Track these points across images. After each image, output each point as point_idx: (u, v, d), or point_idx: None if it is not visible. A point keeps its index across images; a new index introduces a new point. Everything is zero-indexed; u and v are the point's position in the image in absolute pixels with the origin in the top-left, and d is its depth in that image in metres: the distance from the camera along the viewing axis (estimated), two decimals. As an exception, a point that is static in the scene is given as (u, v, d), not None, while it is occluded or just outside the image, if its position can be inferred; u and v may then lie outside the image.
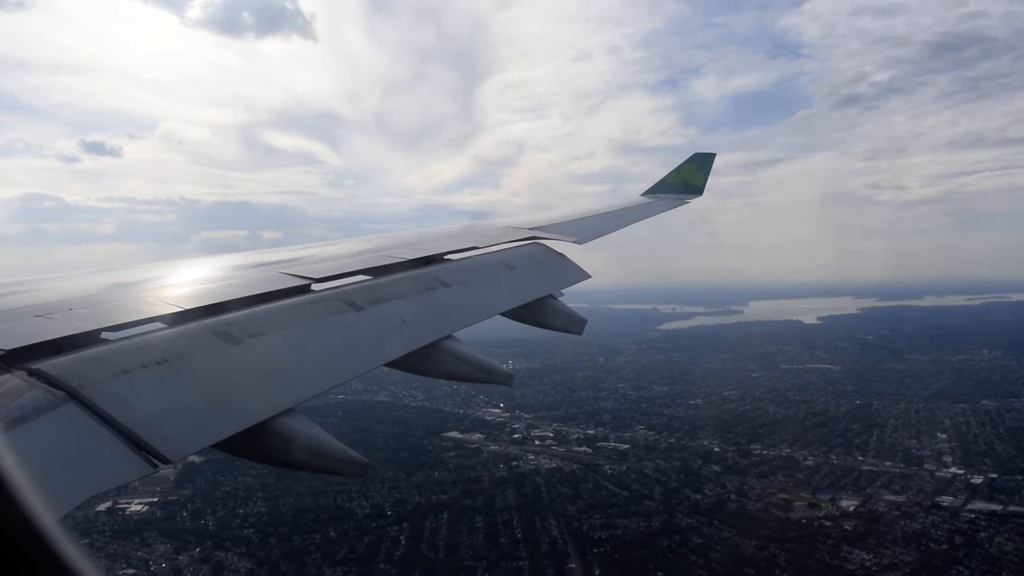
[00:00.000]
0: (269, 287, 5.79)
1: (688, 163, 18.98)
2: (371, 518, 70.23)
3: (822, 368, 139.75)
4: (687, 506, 70.90)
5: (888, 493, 71.92)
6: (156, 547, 65.16)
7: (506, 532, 66.09)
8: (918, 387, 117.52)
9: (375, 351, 5.68)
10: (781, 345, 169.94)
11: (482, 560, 60.74)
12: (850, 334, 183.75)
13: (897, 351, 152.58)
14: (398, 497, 75.67)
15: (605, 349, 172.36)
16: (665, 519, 67.99)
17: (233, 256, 7.91)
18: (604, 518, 68.68)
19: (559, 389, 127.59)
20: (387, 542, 64.73)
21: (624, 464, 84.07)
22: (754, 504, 70.87)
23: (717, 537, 63.41)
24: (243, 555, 62.90)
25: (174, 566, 61.34)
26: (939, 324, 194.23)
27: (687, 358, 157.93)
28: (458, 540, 64.65)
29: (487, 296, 7.76)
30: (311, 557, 62.09)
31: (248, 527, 68.76)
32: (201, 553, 63.47)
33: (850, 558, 58.58)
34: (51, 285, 5.74)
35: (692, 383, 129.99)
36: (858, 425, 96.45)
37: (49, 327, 4.17)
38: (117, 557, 63.39)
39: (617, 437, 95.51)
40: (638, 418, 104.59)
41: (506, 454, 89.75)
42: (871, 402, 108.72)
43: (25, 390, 3.40)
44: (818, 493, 72.80)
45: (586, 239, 10.72)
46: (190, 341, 4.53)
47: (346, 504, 73.73)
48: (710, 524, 66.17)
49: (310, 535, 66.54)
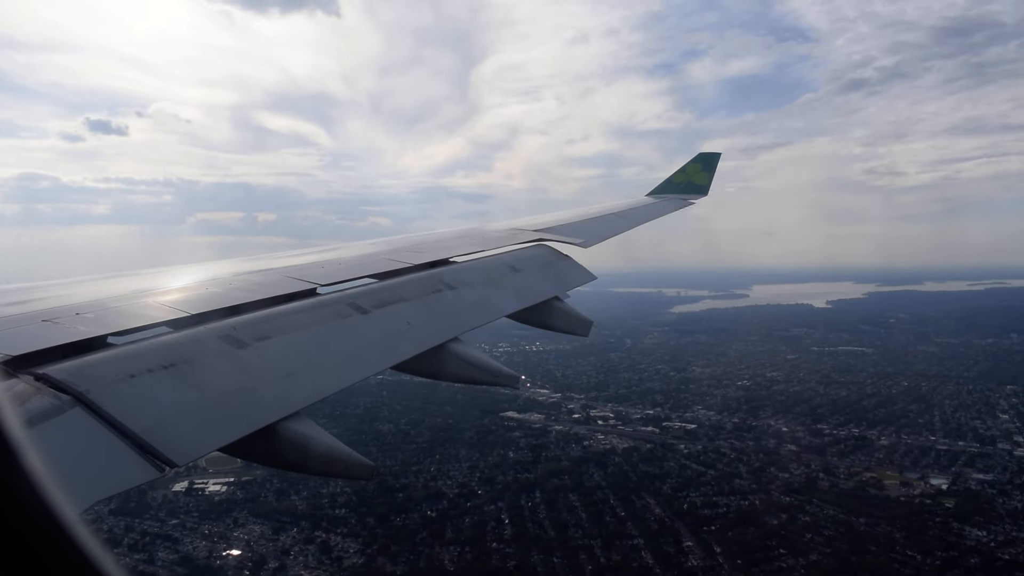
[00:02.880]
0: (275, 291, 5.82)
1: (693, 163, 19.07)
2: (463, 497, 69.16)
3: (855, 351, 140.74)
4: (779, 484, 70.74)
5: (974, 472, 72.33)
6: (251, 527, 63.55)
7: (608, 511, 65.38)
8: (959, 369, 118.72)
9: (381, 354, 5.71)
10: (805, 328, 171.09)
11: (595, 538, 59.99)
12: (869, 318, 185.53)
13: (923, 334, 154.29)
14: (481, 477, 74.64)
15: (628, 332, 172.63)
16: (762, 497, 67.75)
17: (238, 261, 8.03)
18: (701, 496, 68.32)
19: (599, 370, 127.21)
20: (491, 521, 63.71)
21: (698, 443, 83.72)
22: (845, 483, 70.92)
23: (823, 515, 63.30)
24: (346, 535, 61.49)
25: (278, 547, 59.78)
26: (955, 308, 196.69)
27: (715, 340, 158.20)
28: (562, 518, 63.81)
29: (492, 298, 7.80)
30: (418, 537, 60.87)
31: (339, 507, 67.37)
32: (300, 533, 61.96)
33: (965, 535, 58.79)
34: (57, 291, 5.71)
35: (730, 364, 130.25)
36: (916, 406, 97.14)
37: (56, 332, 4.20)
38: (215, 538, 61.75)
39: (679, 417, 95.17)
40: (691, 399, 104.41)
41: (574, 434, 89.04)
42: (919, 384, 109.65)
43: (32, 395, 3.41)
44: (905, 472, 73.07)
45: (592, 242, 10.81)
46: (196, 345, 4.56)
47: (432, 484, 72.59)
48: (810, 502, 66.07)
49: (408, 515, 65.36)
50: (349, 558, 57.71)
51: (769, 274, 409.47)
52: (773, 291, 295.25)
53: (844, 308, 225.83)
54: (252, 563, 57.14)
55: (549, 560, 56.63)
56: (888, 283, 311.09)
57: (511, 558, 57.36)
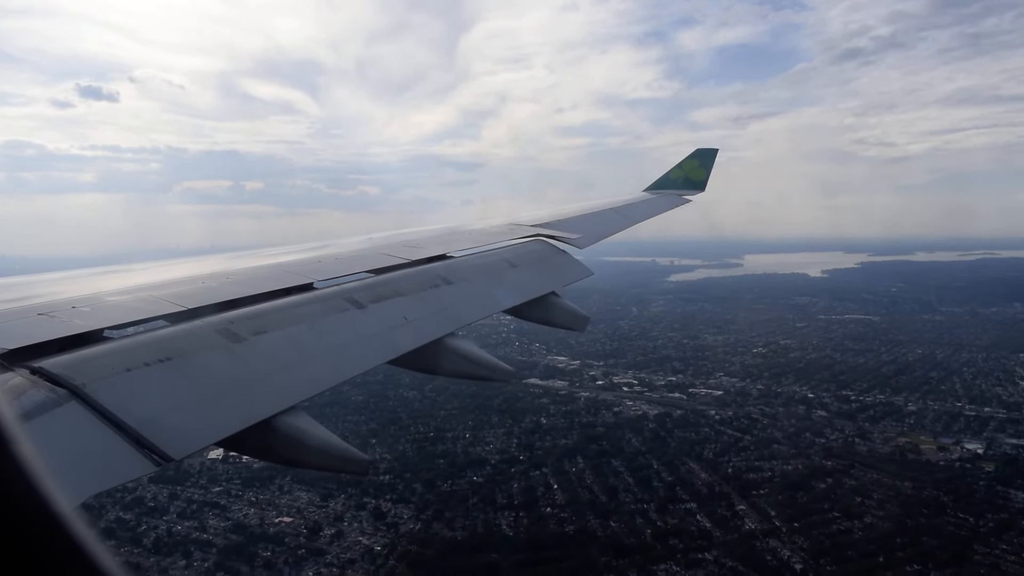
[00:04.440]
0: (272, 285, 5.83)
1: (690, 159, 19.32)
2: (505, 463, 68.88)
3: (862, 319, 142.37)
4: (818, 449, 71.35)
5: (1006, 436, 73.47)
6: (297, 494, 62.91)
7: (654, 476, 65.57)
8: (970, 337, 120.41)
9: (377, 349, 5.71)
10: (808, 297, 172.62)
11: (647, 503, 60.13)
12: (868, 287, 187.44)
13: (926, 303, 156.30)
14: (518, 443, 74.41)
15: (632, 300, 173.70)
16: (804, 462, 68.32)
17: (236, 255, 8.01)
18: (743, 461, 68.75)
19: (612, 338, 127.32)
20: (540, 487, 63.59)
21: (729, 410, 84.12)
22: (883, 447, 71.67)
23: (868, 479, 63.97)
24: (395, 501, 61.00)
25: (330, 513, 59.14)
26: (952, 278, 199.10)
27: (720, 308, 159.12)
28: (610, 483, 63.84)
29: (489, 293, 7.88)
30: (469, 502, 60.60)
31: (382, 473, 66.80)
32: (350, 500, 61.36)
33: (1011, 497, 59.76)
34: (54, 284, 5.69)
35: (741, 332, 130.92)
36: (935, 373, 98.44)
37: (52, 326, 4.16)
38: (263, 505, 60.99)
39: (703, 383, 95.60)
40: (711, 366, 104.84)
41: (602, 400, 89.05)
42: (933, 351, 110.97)
43: (27, 388, 3.39)
44: (939, 437, 74.01)
45: (589, 241, 10.88)
46: (193, 339, 4.53)
47: (471, 450, 72.25)
48: (852, 466, 66.73)
49: (454, 480, 65.02)
50: (404, 524, 57.25)
51: (759, 244, 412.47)
52: (765, 260, 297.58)
53: (840, 277, 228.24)
54: (307, 529, 56.47)
55: (606, 524, 56.65)
56: (878, 253, 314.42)
57: (568, 523, 57.30)
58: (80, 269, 7.06)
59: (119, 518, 58.47)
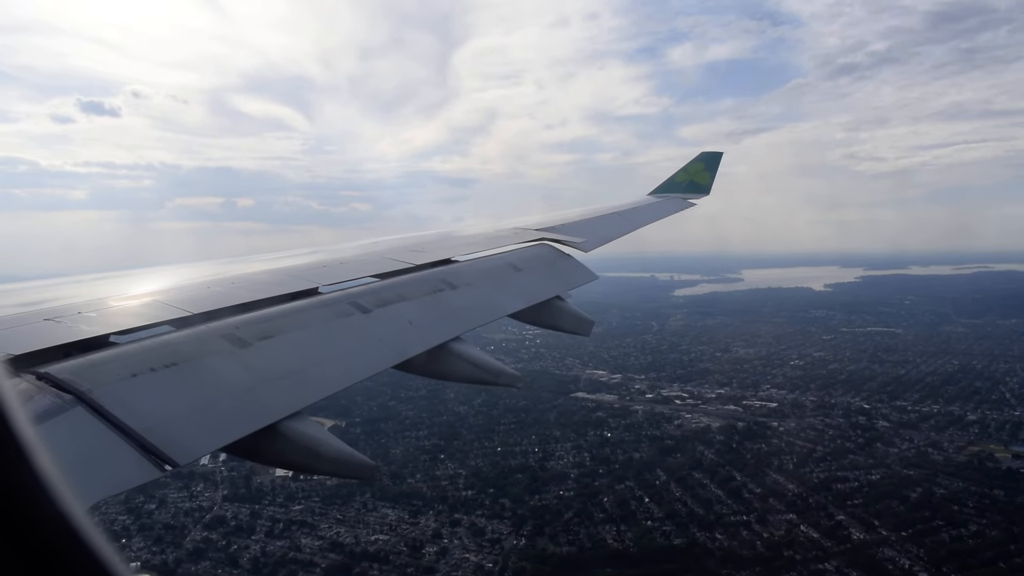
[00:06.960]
0: (277, 290, 5.86)
1: (695, 162, 19.22)
2: (586, 476, 67.78)
3: (887, 331, 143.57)
4: (894, 459, 71.18)
5: (1074, 444, 74.00)
6: (383, 511, 61.14)
7: (742, 487, 64.86)
8: (1000, 348, 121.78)
9: (383, 353, 5.74)
10: (824, 310, 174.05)
11: (746, 514, 59.36)
12: (880, 300, 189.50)
13: (944, 315, 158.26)
14: (592, 456, 73.35)
15: (648, 315, 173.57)
16: (885, 471, 68.08)
17: (240, 260, 8.11)
18: (825, 472, 68.35)
19: (644, 352, 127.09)
20: (632, 501, 62.51)
21: (790, 421, 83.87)
22: (958, 456, 71.75)
23: (956, 487, 63.86)
24: (488, 517, 59.61)
25: (424, 531, 57.52)
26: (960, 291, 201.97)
27: (740, 322, 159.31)
28: (701, 495, 63.01)
29: (494, 298, 7.85)
30: (565, 517, 59.35)
31: (462, 488, 65.43)
32: (442, 516, 59.79)
33: (1104, 503, 59.92)
34: (59, 290, 5.73)
35: (770, 345, 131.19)
36: (979, 383, 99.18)
37: (57, 331, 4.19)
38: (352, 523, 59.22)
39: (754, 395, 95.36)
40: (754, 378, 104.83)
41: (659, 413, 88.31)
42: (970, 362, 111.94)
43: (33, 394, 3.39)
44: (1010, 446, 74.30)
45: (593, 245, 10.99)
46: (199, 344, 4.55)
47: (547, 464, 71.07)
48: (936, 475, 66.63)
49: (541, 495, 63.76)
50: (506, 539, 55.84)
51: (755, 259, 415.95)
52: (764, 275, 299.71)
53: (844, 291, 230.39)
54: (407, 547, 54.81)
55: (713, 536, 55.76)
56: (874, 267, 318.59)
57: (673, 535, 56.29)
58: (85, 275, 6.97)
59: (206, 538, 56.37)
